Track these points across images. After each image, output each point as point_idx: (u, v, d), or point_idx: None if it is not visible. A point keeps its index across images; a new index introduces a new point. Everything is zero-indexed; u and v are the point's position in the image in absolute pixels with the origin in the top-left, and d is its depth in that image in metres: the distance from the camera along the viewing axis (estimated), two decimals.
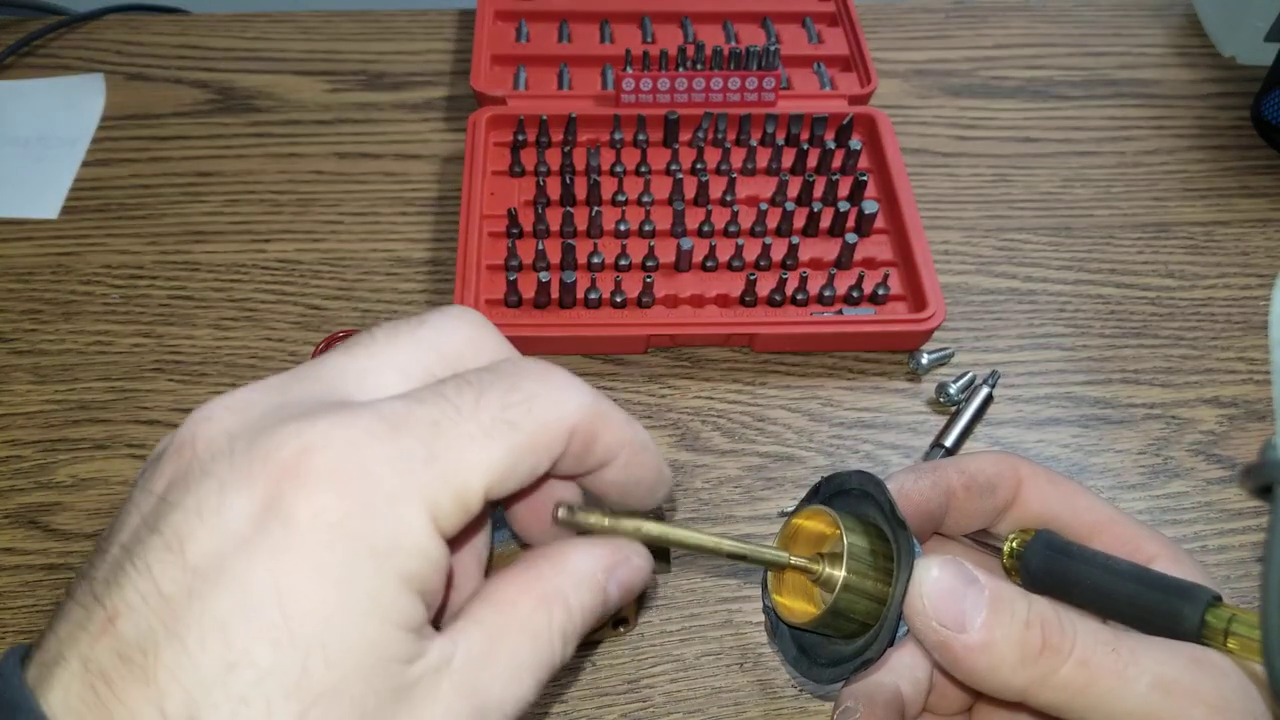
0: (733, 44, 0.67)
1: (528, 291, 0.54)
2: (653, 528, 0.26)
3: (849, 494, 0.30)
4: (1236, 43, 0.71)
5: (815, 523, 0.30)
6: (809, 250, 0.57)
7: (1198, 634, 0.26)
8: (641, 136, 0.61)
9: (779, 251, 0.56)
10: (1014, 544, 0.32)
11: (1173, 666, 0.25)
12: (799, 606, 0.30)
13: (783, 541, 0.31)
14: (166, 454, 0.22)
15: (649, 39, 0.68)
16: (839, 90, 0.65)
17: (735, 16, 0.69)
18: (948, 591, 0.26)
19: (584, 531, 0.25)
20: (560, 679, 0.43)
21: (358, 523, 0.20)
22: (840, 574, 0.28)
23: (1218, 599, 0.27)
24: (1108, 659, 0.25)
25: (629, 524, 0.25)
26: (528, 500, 0.26)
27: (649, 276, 0.54)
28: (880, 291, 0.55)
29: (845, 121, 0.60)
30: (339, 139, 0.64)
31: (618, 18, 0.68)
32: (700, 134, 0.61)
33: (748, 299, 0.54)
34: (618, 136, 0.61)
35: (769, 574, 0.31)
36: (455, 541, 0.22)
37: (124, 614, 0.19)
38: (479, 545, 0.26)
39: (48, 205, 0.60)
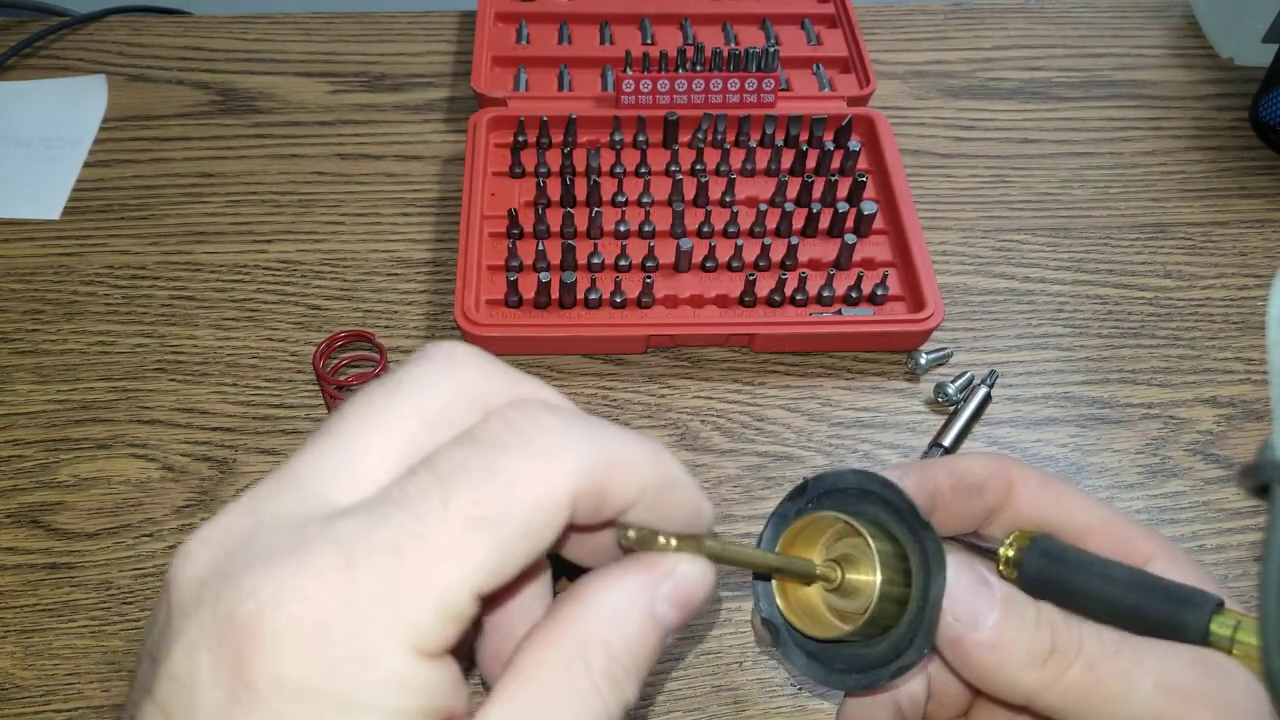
0: (732, 45, 0.67)
1: (528, 292, 0.54)
2: (713, 546, 0.23)
3: (844, 493, 0.30)
4: (1234, 44, 0.71)
5: (813, 526, 0.29)
6: (808, 251, 0.57)
7: (1203, 643, 0.26)
8: (641, 137, 0.61)
9: (778, 252, 0.56)
10: (1010, 550, 0.32)
11: (1177, 669, 0.25)
12: (817, 615, 0.29)
13: (782, 547, 0.30)
14: (162, 593, 0.21)
15: (649, 40, 0.68)
16: (838, 91, 0.65)
17: (735, 18, 0.69)
18: (965, 589, 0.26)
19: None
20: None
21: (321, 681, 0.19)
22: (875, 579, 0.27)
23: (1220, 605, 0.27)
24: (1113, 662, 0.25)
25: (694, 542, 0.23)
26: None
27: (649, 277, 0.54)
28: (879, 292, 0.55)
29: (844, 123, 0.61)
30: (340, 140, 0.64)
31: (618, 19, 0.68)
32: (700, 135, 0.61)
33: (747, 299, 0.55)
34: (618, 138, 0.61)
35: (774, 582, 0.29)
36: (496, 599, 0.21)
37: None
38: (539, 587, 0.24)
39: (50, 206, 0.60)
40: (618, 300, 0.54)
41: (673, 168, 0.60)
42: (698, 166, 0.60)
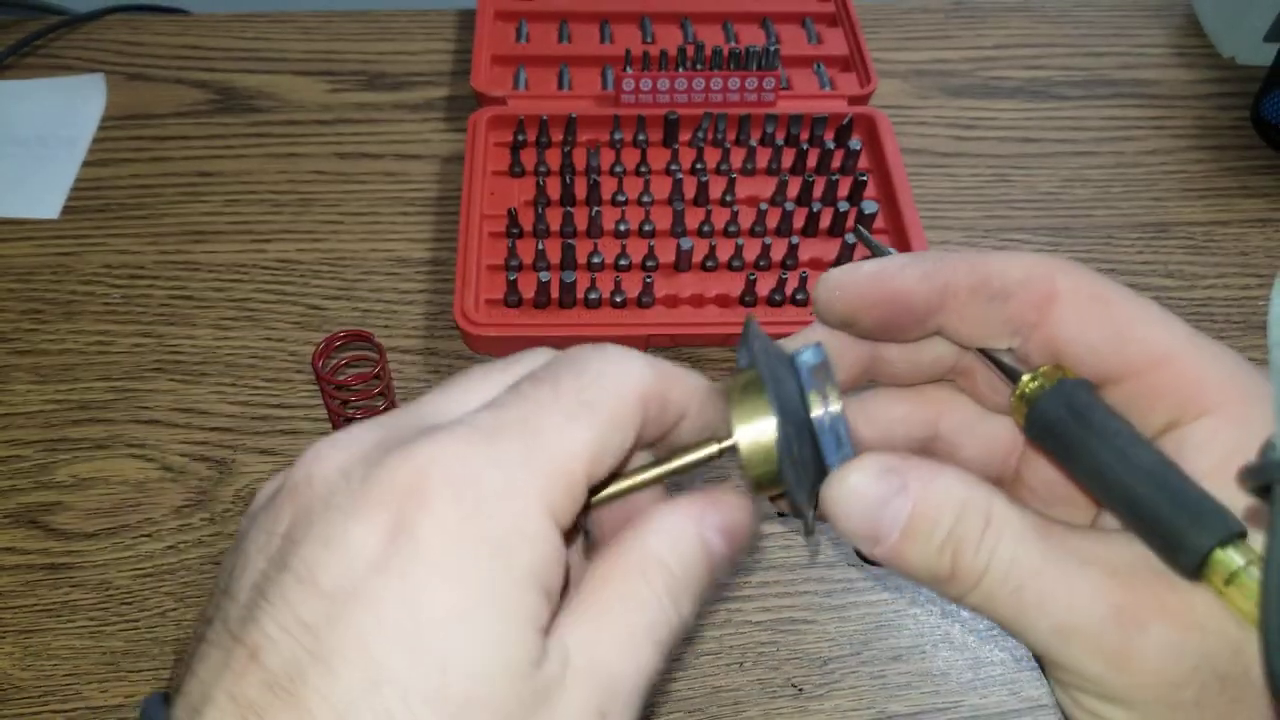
0: (732, 44, 0.67)
1: (528, 291, 0.54)
2: (645, 477, 0.26)
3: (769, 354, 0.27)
4: (1236, 43, 0.71)
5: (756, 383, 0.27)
6: (809, 250, 0.57)
7: (1196, 570, 0.23)
8: (641, 137, 0.61)
9: (779, 251, 0.56)
10: (1030, 387, 0.26)
11: (1081, 618, 0.23)
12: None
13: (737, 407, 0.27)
14: (281, 495, 0.22)
15: (649, 39, 0.68)
16: (839, 90, 0.65)
17: (735, 17, 0.69)
18: (865, 507, 0.24)
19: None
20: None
21: (476, 524, 0.21)
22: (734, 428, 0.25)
23: (1239, 535, 0.22)
24: (1010, 601, 0.24)
25: (610, 491, 0.25)
26: (609, 511, 0.27)
27: (649, 276, 0.54)
28: None
29: (845, 122, 0.61)
30: (339, 139, 0.64)
31: (618, 18, 0.68)
32: (700, 134, 0.61)
33: (747, 299, 0.55)
34: (617, 137, 0.61)
35: (751, 479, 0.27)
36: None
37: (266, 647, 0.20)
38: (574, 552, 0.26)
39: (48, 205, 0.60)
40: (618, 300, 0.54)
41: (673, 167, 0.59)
42: (698, 165, 0.60)
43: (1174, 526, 0.23)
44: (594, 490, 0.24)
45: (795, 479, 0.26)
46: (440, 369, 0.53)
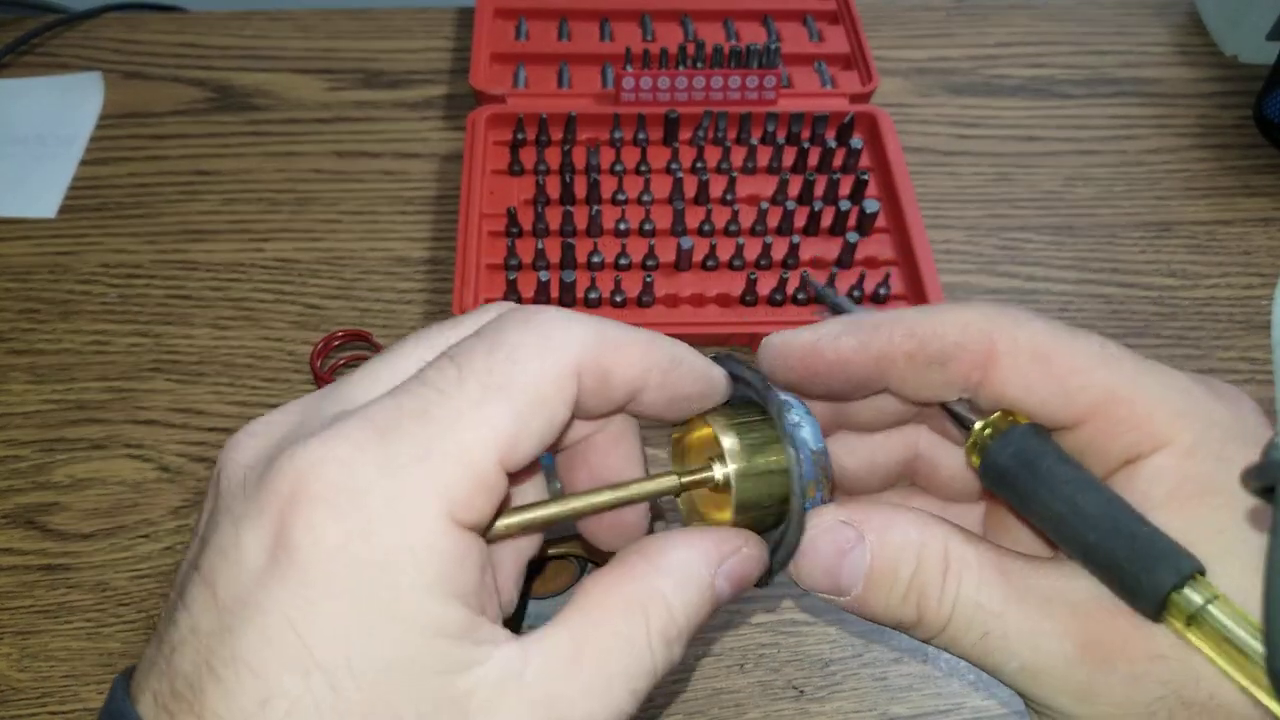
0: (733, 42, 0.66)
1: (527, 291, 0.54)
2: (577, 505, 0.24)
3: (735, 382, 0.27)
4: (1238, 42, 0.71)
5: (698, 431, 0.27)
6: (810, 249, 0.57)
7: (1156, 613, 0.23)
8: (641, 135, 0.61)
9: (780, 251, 0.56)
10: (981, 436, 0.26)
11: (1046, 658, 0.23)
12: (725, 511, 0.26)
13: (674, 463, 0.28)
14: (210, 484, 0.22)
15: (649, 37, 0.67)
16: (840, 88, 0.64)
17: (736, 14, 0.68)
18: (824, 563, 0.24)
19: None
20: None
21: (359, 541, 0.20)
22: (730, 473, 0.25)
23: (1197, 573, 0.23)
24: (976, 645, 0.24)
25: (507, 522, 0.23)
26: (574, 452, 0.25)
27: (649, 276, 0.53)
28: (882, 291, 0.55)
29: (846, 120, 0.60)
30: (337, 137, 0.64)
31: (618, 15, 0.68)
32: (700, 132, 0.61)
33: (748, 299, 0.54)
34: (617, 135, 0.61)
35: (683, 509, 0.27)
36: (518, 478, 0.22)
37: (178, 649, 0.20)
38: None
39: (45, 204, 0.59)
40: (618, 300, 0.54)
41: (673, 165, 0.59)
42: (698, 164, 0.59)
43: (1129, 572, 0.23)
44: (522, 475, 0.23)
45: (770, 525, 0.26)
46: None
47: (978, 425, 0.26)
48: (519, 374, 0.21)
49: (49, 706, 0.42)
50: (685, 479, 0.25)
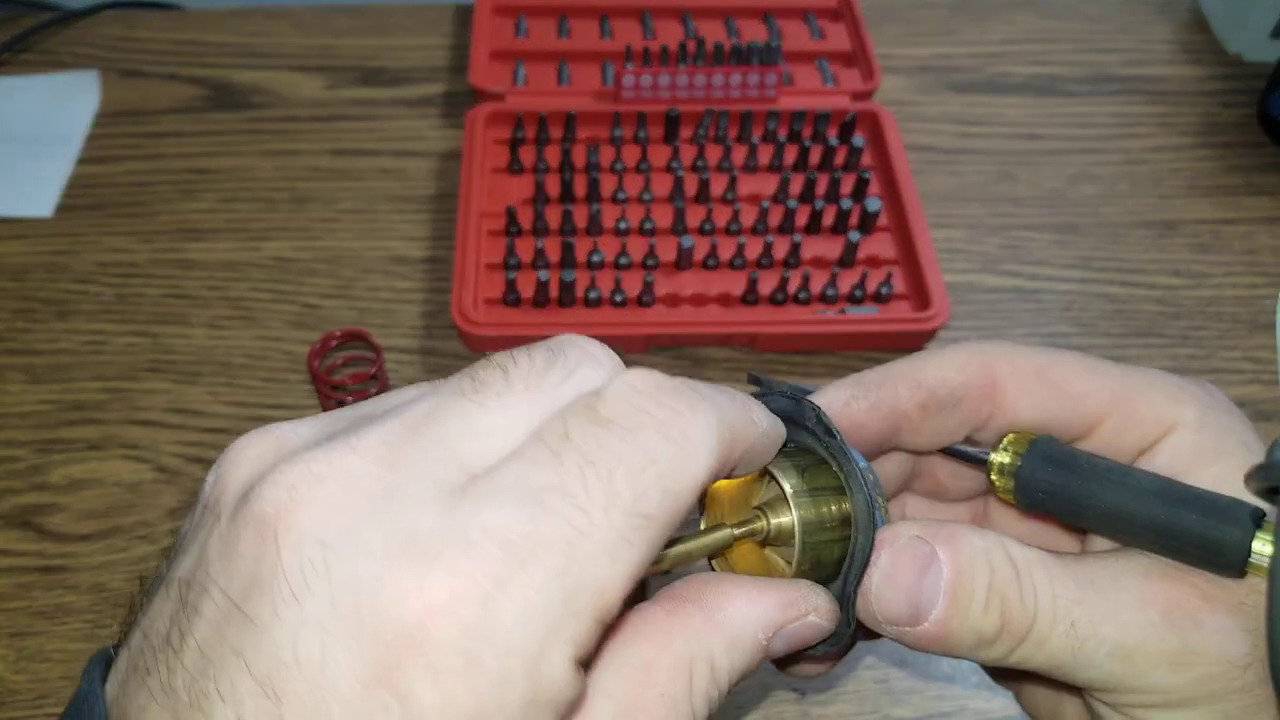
0: (734, 39, 0.66)
1: (527, 290, 0.53)
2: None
3: (789, 419, 0.26)
4: (1242, 40, 0.71)
5: (731, 480, 0.25)
6: (811, 248, 0.56)
7: (1240, 567, 0.23)
8: (642, 133, 0.60)
9: (781, 250, 0.56)
10: (1004, 456, 0.26)
11: (1136, 631, 0.23)
12: (767, 566, 0.25)
13: (708, 518, 0.26)
14: (206, 489, 0.21)
15: (649, 34, 0.67)
16: (842, 86, 0.64)
17: (737, 11, 0.68)
18: (901, 589, 0.23)
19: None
20: None
21: (486, 705, 0.17)
22: (792, 518, 0.24)
23: (1259, 516, 0.23)
24: (1065, 639, 0.23)
25: None
26: None
27: (649, 275, 0.53)
28: (884, 290, 0.54)
29: (848, 118, 0.60)
30: (335, 136, 0.63)
31: (617, 13, 0.67)
32: (701, 131, 0.60)
33: (749, 298, 0.54)
34: (618, 133, 0.60)
35: (711, 560, 0.26)
36: None
37: (171, 662, 0.19)
38: None
39: (42, 203, 0.59)
40: (618, 299, 0.53)
41: (674, 164, 0.59)
42: (699, 163, 0.59)
43: (1205, 537, 0.23)
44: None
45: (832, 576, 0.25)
46: (438, 369, 0.53)
47: (993, 455, 0.26)
48: (663, 506, 0.19)
49: (45, 708, 0.42)
50: (738, 531, 0.24)
